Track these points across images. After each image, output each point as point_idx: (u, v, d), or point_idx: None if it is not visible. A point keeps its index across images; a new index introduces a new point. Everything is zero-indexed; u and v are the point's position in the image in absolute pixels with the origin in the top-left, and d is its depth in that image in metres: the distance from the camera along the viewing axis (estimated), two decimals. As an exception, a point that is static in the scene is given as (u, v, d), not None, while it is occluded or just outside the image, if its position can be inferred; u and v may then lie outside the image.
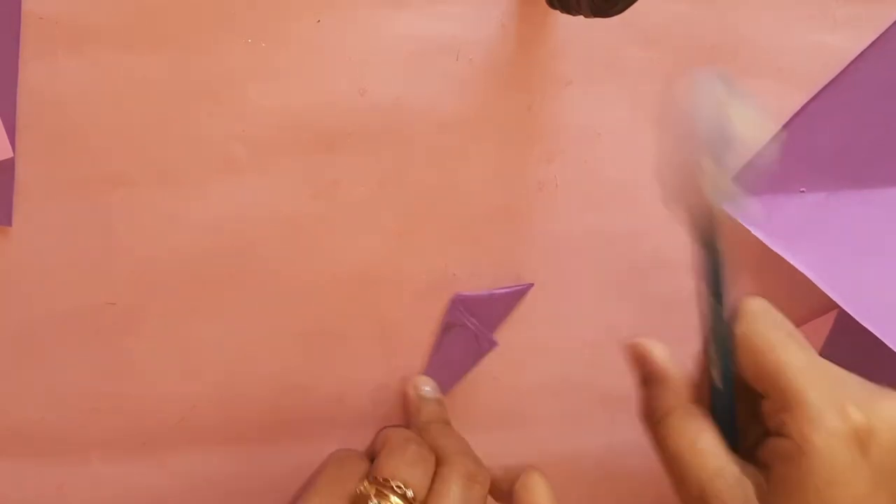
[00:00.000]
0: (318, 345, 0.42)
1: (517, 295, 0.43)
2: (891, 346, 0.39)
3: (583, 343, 0.44)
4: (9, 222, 0.39)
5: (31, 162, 0.38)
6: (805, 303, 0.44)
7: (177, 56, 0.38)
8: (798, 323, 0.44)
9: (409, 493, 0.34)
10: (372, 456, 0.37)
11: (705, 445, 0.33)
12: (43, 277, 0.39)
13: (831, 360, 0.44)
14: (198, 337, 0.41)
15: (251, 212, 0.40)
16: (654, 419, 0.34)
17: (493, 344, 0.43)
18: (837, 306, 0.41)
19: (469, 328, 0.42)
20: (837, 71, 0.42)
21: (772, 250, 0.42)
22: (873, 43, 0.41)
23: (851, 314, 0.40)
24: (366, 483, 0.34)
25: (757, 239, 0.42)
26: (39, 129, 0.38)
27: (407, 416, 0.42)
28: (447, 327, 0.42)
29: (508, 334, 0.43)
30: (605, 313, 0.44)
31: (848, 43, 0.42)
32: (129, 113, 0.38)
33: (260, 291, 0.41)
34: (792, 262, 0.41)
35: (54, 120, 0.38)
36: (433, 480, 0.35)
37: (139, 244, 0.40)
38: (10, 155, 0.38)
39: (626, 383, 0.44)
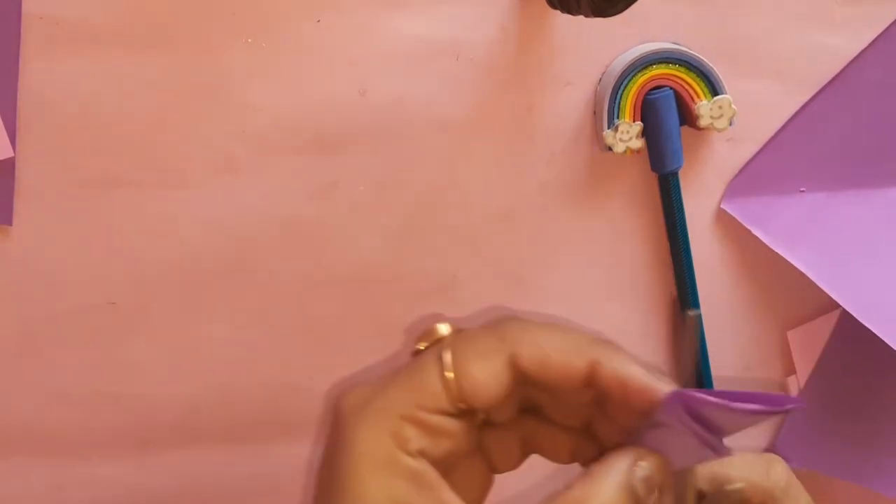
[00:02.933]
0: (317, 345, 0.42)
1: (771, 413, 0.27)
2: (892, 345, 0.38)
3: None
4: (9, 221, 0.39)
5: (31, 161, 0.38)
6: (807, 302, 0.44)
7: (177, 56, 0.38)
8: (800, 322, 0.44)
9: None
10: None
11: None
12: (43, 277, 0.39)
13: (833, 360, 0.44)
14: (198, 337, 0.41)
15: (251, 212, 0.40)
16: None
17: (726, 453, 0.28)
18: (839, 306, 0.41)
19: (690, 435, 0.28)
20: (837, 71, 0.42)
21: (773, 250, 0.42)
22: (873, 42, 0.41)
23: (852, 313, 0.40)
24: None
25: (758, 239, 0.42)
26: (40, 129, 0.38)
27: None
28: (655, 424, 0.29)
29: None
30: (604, 315, 0.44)
31: (848, 43, 0.42)
32: (130, 113, 0.38)
33: (260, 291, 0.41)
34: (792, 262, 0.41)
35: (55, 119, 0.38)
36: None
37: (139, 244, 0.40)
38: (11, 154, 0.38)
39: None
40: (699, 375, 0.43)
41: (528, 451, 0.32)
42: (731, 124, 0.40)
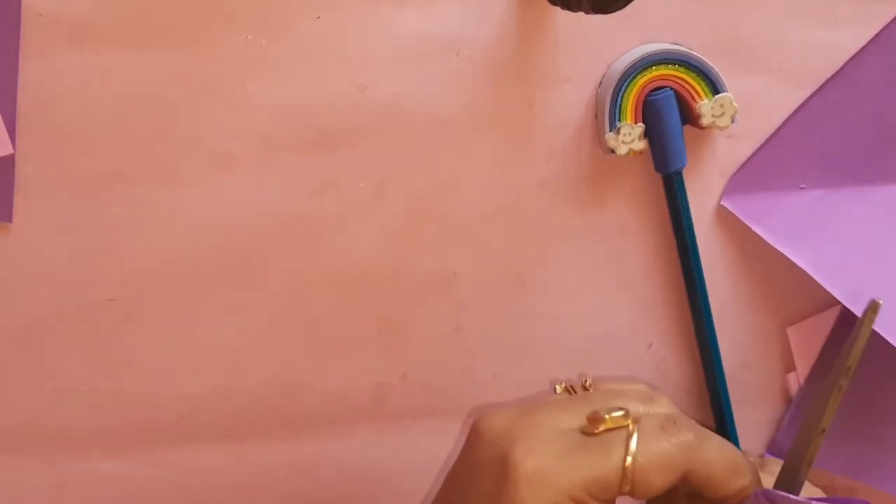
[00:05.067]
0: (317, 342, 0.42)
1: None
2: (892, 342, 0.39)
3: (582, 342, 0.44)
4: (9, 219, 0.39)
5: (31, 158, 0.38)
6: (806, 299, 0.44)
7: (176, 53, 0.38)
8: (800, 319, 0.44)
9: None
10: None
11: None
12: (43, 274, 0.39)
13: (833, 357, 0.44)
14: (197, 334, 0.41)
15: (251, 209, 0.40)
16: None
17: None
18: (839, 303, 0.41)
19: None
20: (838, 68, 0.42)
21: (772, 247, 0.42)
22: (873, 39, 0.41)
23: (852, 310, 0.40)
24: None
25: (757, 236, 0.42)
26: (40, 126, 0.38)
27: None
28: None
29: (507, 332, 0.43)
30: (604, 312, 0.44)
31: (849, 40, 0.42)
32: (129, 109, 0.38)
33: (259, 289, 0.41)
34: (792, 259, 0.41)
35: (54, 116, 0.38)
36: None
37: (139, 241, 0.40)
38: (11, 151, 0.38)
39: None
40: (713, 369, 0.43)
41: None
42: (733, 122, 0.40)
